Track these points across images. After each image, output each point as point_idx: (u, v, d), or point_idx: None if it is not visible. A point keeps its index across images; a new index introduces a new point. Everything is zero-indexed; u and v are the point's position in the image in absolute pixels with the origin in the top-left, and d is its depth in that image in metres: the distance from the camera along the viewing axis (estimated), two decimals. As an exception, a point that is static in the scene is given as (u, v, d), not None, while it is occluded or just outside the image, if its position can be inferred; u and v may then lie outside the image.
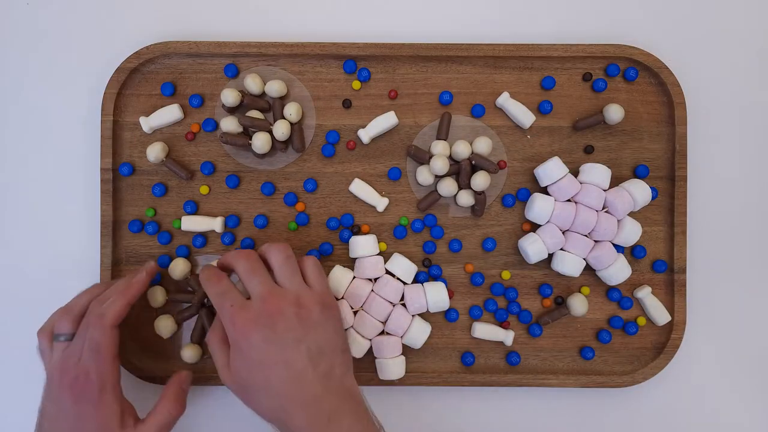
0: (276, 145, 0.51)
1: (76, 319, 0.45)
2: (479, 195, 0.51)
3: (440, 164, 0.49)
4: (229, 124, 0.50)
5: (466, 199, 0.51)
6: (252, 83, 0.50)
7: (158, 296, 0.51)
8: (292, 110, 0.50)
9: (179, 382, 0.47)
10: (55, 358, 0.44)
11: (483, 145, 0.50)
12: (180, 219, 0.52)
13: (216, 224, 0.51)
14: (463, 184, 0.51)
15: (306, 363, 0.41)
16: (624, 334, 0.53)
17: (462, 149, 0.50)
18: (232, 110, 0.52)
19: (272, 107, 0.52)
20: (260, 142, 0.49)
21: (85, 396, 0.42)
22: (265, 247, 0.45)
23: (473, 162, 0.50)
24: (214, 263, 0.47)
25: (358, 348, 0.49)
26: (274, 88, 0.50)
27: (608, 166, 0.50)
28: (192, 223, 0.51)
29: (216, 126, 0.52)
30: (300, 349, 0.41)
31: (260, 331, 0.41)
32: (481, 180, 0.50)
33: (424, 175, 0.51)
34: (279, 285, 0.43)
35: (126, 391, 0.53)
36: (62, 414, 0.43)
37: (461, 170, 0.51)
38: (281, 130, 0.50)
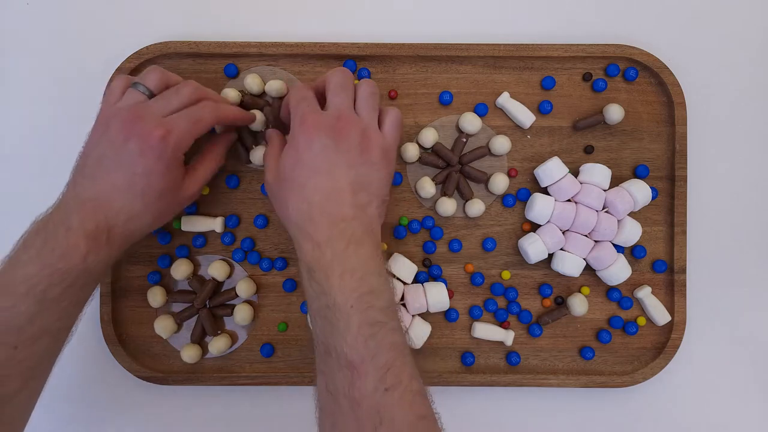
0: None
1: (165, 84, 0.45)
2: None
3: (413, 151, 0.51)
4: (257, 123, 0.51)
5: (450, 206, 0.51)
6: (252, 83, 0.50)
7: (158, 296, 0.51)
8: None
9: (228, 140, 0.49)
10: (126, 103, 0.43)
11: (501, 145, 0.51)
12: (180, 219, 0.52)
13: (216, 224, 0.51)
14: (449, 192, 0.51)
15: (348, 186, 0.41)
16: (624, 334, 0.53)
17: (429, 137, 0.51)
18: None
19: (272, 107, 0.51)
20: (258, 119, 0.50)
21: (156, 152, 0.41)
22: (361, 80, 0.46)
23: (464, 171, 0.52)
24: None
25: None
26: (274, 87, 0.50)
27: (608, 166, 0.50)
28: (192, 224, 0.51)
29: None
30: (349, 172, 0.41)
31: (322, 138, 0.41)
32: (501, 144, 0.51)
33: (426, 188, 0.51)
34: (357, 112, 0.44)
35: (126, 391, 0.53)
36: (120, 162, 0.41)
37: (448, 179, 0.51)
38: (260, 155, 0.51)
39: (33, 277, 0.38)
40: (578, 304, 0.51)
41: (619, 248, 0.51)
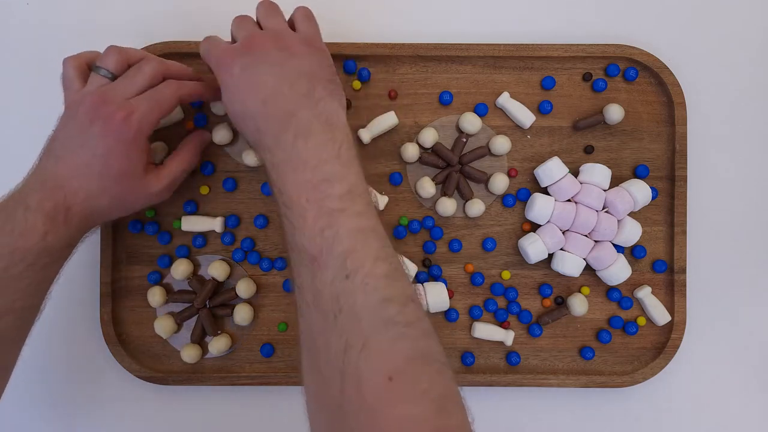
0: None
1: (126, 64, 0.45)
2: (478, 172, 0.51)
3: (412, 151, 0.51)
4: (222, 134, 0.51)
5: (450, 206, 0.51)
6: None
7: (158, 296, 0.51)
8: None
9: (198, 138, 0.49)
10: (91, 88, 0.43)
11: (501, 145, 0.51)
12: (180, 219, 0.52)
13: (216, 224, 0.51)
14: (449, 192, 0.51)
15: (281, 82, 0.40)
16: (624, 334, 0.53)
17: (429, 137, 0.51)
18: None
19: None
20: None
21: (117, 133, 0.41)
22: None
23: (464, 172, 0.52)
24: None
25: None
26: None
27: (608, 166, 0.50)
28: (192, 224, 0.51)
29: (207, 121, 0.52)
30: (275, 71, 0.40)
31: (239, 59, 0.41)
32: (501, 144, 0.51)
33: (426, 188, 0.51)
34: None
35: (126, 391, 0.53)
36: (84, 143, 0.41)
37: (448, 179, 0.51)
38: None
39: None
40: (578, 304, 0.51)
41: (619, 248, 0.51)
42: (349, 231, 0.37)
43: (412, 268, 0.50)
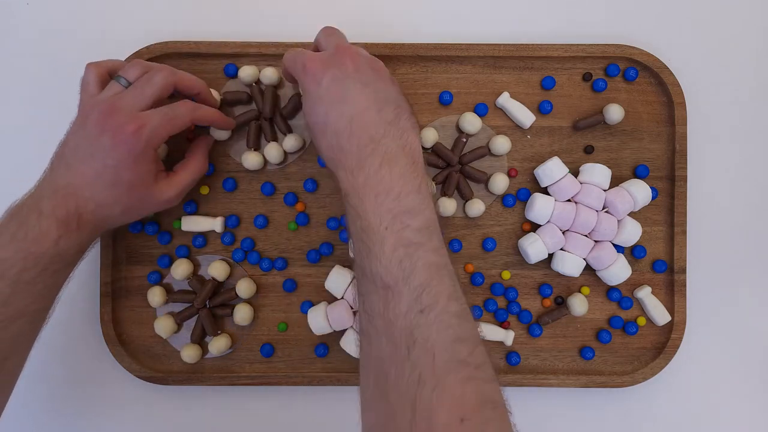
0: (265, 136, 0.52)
1: (139, 68, 0.45)
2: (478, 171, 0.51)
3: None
4: (221, 133, 0.51)
5: (450, 206, 0.51)
6: (246, 74, 0.51)
7: (158, 296, 0.51)
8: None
9: (205, 143, 0.50)
10: (107, 94, 0.43)
11: (501, 145, 0.51)
12: (180, 219, 0.52)
13: (216, 224, 0.51)
14: (449, 192, 0.51)
15: (370, 104, 0.40)
16: (624, 334, 0.53)
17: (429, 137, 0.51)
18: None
19: (264, 95, 0.51)
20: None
21: (127, 145, 0.41)
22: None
23: (464, 172, 0.52)
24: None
25: (358, 348, 0.49)
26: (267, 74, 0.51)
27: (608, 166, 0.50)
28: (192, 224, 0.51)
29: None
30: (366, 90, 0.40)
31: (328, 71, 0.40)
32: (501, 144, 0.51)
33: None
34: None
35: (126, 391, 0.53)
36: (94, 153, 0.41)
37: (448, 179, 0.51)
38: (274, 151, 0.51)
39: (7, 260, 0.39)
40: (578, 304, 0.51)
41: (619, 248, 0.51)
42: (425, 265, 0.37)
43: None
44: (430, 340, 0.34)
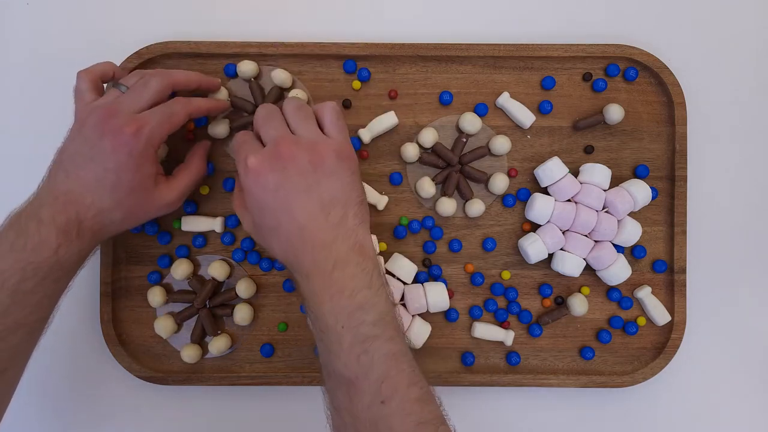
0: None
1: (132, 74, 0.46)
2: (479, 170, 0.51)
3: (412, 151, 0.51)
4: (220, 127, 0.51)
5: (450, 206, 0.51)
6: (246, 69, 0.50)
7: (158, 296, 0.51)
8: (298, 95, 0.51)
9: (204, 147, 0.50)
10: (105, 100, 0.44)
11: (501, 145, 0.51)
12: (180, 219, 0.52)
13: (216, 224, 0.51)
14: (449, 192, 0.51)
15: (317, 211, 0.41)
16: (624, 334, 0.53)
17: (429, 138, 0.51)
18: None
19: (267, 95, 0.51)
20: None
21: (127, 148, 0.41)
22: (282, 102, 0.45)
23: (464, 172, 0.52)
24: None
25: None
26: (280, 78, 0.51)
27: (608, 166, 0.50)
28: (192, 224, 0.51)
29: (207, 121, 0.52)
30: (311, 196, 0.41)
31: (271, 174, 0.41)
32: (501, 144, 0.51)
33: (426, 188, 0.51)
34: (293, 133, 0.43)
35: (126, 391, 0.53)
36: (94, 157, 0.41)
37: (448, 179, 0.51)
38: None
39: (6, 270, 0.39)
40: (578, 304, 0.51)
41: (619, 248, 0.51)
42: (382, 356, 0.38)
43: (411, 269, 0.50)
44: (393, 429, 0.36)
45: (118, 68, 0.48)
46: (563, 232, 0.50)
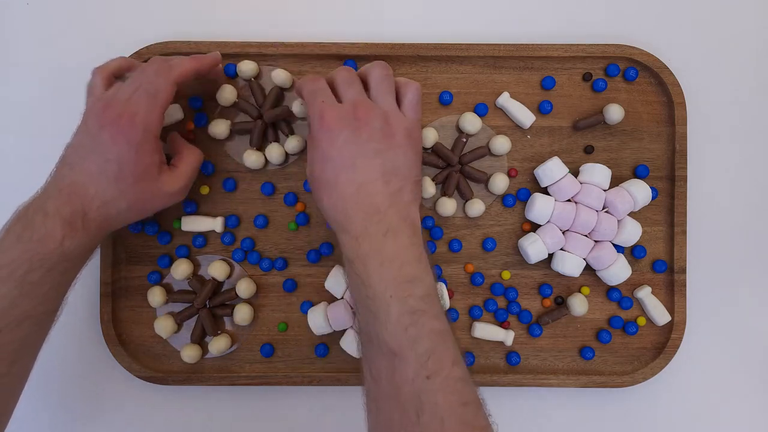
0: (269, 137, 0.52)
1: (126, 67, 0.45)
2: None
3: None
4: (220, 128, 0.51)
5: (450, 206, 0.51)
6: (246, 69, 0.50)
7: (158, 296, 0.51)
8: (303, 105, 0.51)
9: (178, 135, 0.49)
10: (107, 93, 0.43)
11: (501, 145, 0.51)
12: (180, 219, 0.52)
13: (216, 224, 0.51)
14: (449, 192, 0.51)
15: (378, 175, 0.41)
16: (624, 334, 0.53)
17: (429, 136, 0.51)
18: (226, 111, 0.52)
19: (267, 95, 0.51)
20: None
21: (126, 137, 0.41)
22: (366, 66, 0.45)
23: (464, 172, 0.52)
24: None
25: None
26: (281, 77, 0.50)
27: (608, 166, 0.50)
28: (192, 224, 0.51)
29: (207, 121, 0.52)
30: (375, 161, 0.41)
31: (343, 130, 0.41)
32: (501, 144, 0.51)
33: (426, 188, 0.51)
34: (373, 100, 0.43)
35: (126, 391, 0.53)
36: (95, 149, 0.42)
37: (448, 179, 0.51)
38: (276, 152, 0.51)
39: (13, 261, 0.39)
40: (578, 304, 0.51)
41: (619, 248, 0.51)
42: (430, 332, 0.38)
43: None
44: (438, 405, 0.36)
45: (135, 62, 0.47)
46: (563, 232, 0.50)
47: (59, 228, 0.40)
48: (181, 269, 0.50)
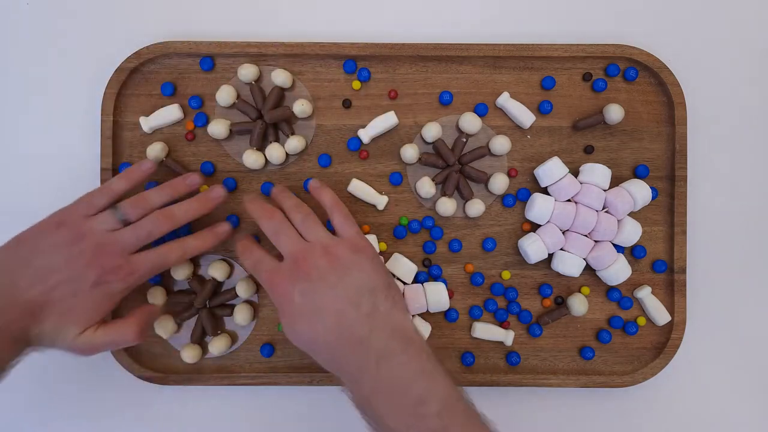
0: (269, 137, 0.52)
1: (148, 210, 0.44)
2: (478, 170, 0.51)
3: (411, 152, 0.51)
4: (219, 128, 0.50)
5: (450, 206, 0.51)
6: (247, 73, 0.50)
7: (158, 296, 0.51)
8: (304, 106, 0.51)
9: (148, 312, 0.46)
10: (102, 226, 0.43)
11: (501, 145, 0.51)
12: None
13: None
14: (449, 192, 0.51)
15: (345, 306, 0.40)
16: (624, 334, 0.53)
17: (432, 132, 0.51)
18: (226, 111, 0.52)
19: (268, 97, 0.51)
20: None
21: (110, 288, 0.42)
22: (281, 203, 0.45)
23: (464, 172, 0.52)
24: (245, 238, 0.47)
25: None
26: (280, 78, 0.50)
27: (608, 166, 0.50)
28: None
29: (207, 121, 0.52)
30: (337, 293, 0.41)
31: (296, 285, 0.41)
32: (500, 144, 0.51)
33: (426, 188, 0.51)
34: (305, 240, 0.44)
35: (126, 391, 0.53)
36: (72, 278, 0.41)
37: (448, 179, 0.51)
38: (276, 152, 0.51)
39: None
40: (578, 304, 0.51)
41: (619, 248, 0.51)
42: None
43: (411, 269, 0.50)
44: None
45: (127, 202, 0.45)
46: (563, 232, 0.50)
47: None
48: (181, 269, 0.50)
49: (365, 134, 0.51)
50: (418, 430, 0.37)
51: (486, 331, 0.52)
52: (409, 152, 0.51)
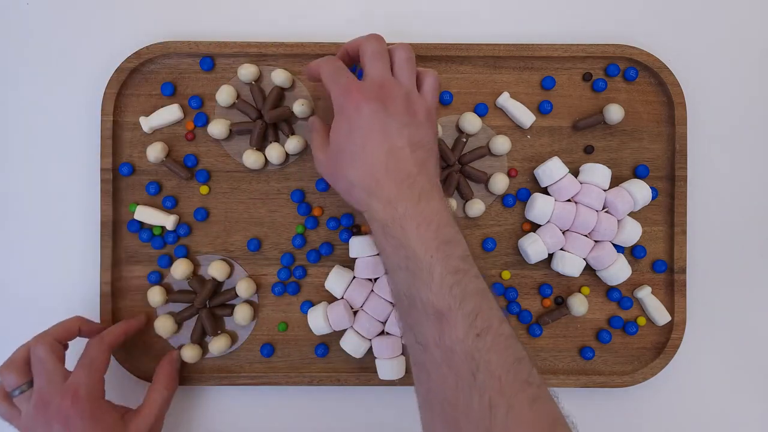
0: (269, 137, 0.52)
1: (22, 369, 0.45)
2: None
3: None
4: (219, 128, 0.50)
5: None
6: (246, 73, 0.50)
7: (158, 296, 0.51)
8: (304, 106, 0.51)
9: (170, 362, 0.50)
10: (28, 408, 0.44)
11: (501, 145, 0.51)
12: (136, 204, 0.52)
13: (169, 221, 0.51)
14: (449, 192, 0.51)
15: (405, 144, 0.41)
16: (624, 334, 0.53)
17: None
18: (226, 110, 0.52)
19: (268, 96, 0.51)
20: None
21: (77, 415, 0.43)
22: (391, 46, 0.45)
23: (464, 172, 0.52)
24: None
25: (358, 348, 0.49)
26: (280, 78, 0.50)
27: (608, 166, 0.50)
28: (146, 215, 0.51)
29: (207, 121, 0.52)
30: (403, 131, 0.41)
31: (371, 103, 0.41)
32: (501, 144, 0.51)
33: None
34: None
35: (126, 391, 0.53)
36: None
37: (448, 179, 0.51)
38: (276, 152, 0.51)
39: None
40: (578, 304, 0.51)
41: (619, 248, 0.51)
42: (474, 291, 0.37)
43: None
44: (492, 363, 0.35)
45: (9, 369, 0.46)
46: (563, 232, 0.50)
47: None
48: (180, 269, 0.50)
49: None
50: (442, 263, 0.37)
51: (486, 331, 0.52)
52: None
